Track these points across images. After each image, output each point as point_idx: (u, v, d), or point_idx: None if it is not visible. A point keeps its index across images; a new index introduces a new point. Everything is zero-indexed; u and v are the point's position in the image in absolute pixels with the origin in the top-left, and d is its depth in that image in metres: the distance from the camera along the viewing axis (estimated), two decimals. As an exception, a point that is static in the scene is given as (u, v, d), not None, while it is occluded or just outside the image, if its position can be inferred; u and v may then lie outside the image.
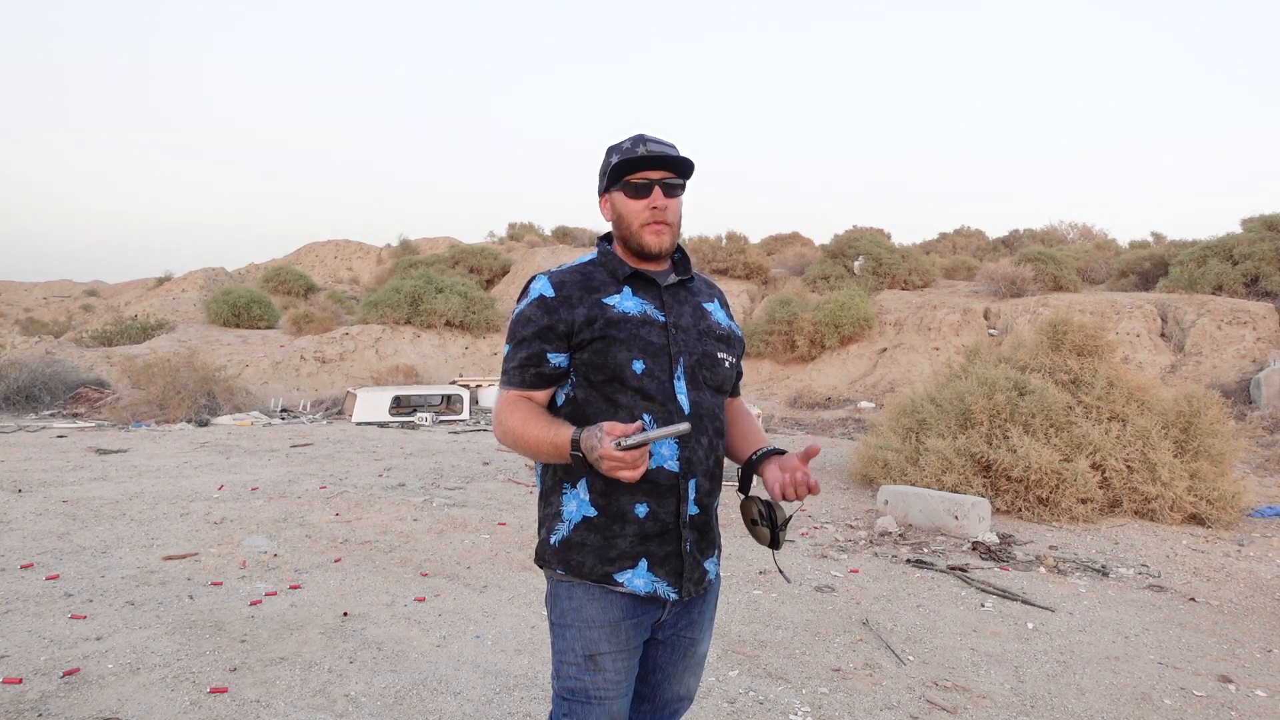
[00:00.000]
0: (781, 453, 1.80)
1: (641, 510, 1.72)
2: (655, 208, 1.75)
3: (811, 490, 1.69)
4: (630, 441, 1.52)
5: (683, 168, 1.77)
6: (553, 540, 1.77)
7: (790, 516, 1.80)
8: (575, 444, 1.59)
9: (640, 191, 1.76)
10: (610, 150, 1.80)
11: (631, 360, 1.72)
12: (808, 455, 1.71)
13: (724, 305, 1.96)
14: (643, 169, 1.75)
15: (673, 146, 1.78)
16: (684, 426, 1.54)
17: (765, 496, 1.80)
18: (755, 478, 1.84)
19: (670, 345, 1.76)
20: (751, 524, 1.81)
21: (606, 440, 1.53)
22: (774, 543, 1.79)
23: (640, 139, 1.77)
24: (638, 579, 1.72)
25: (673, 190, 1.78)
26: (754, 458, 1.82)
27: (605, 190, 1.82)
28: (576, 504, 1.75)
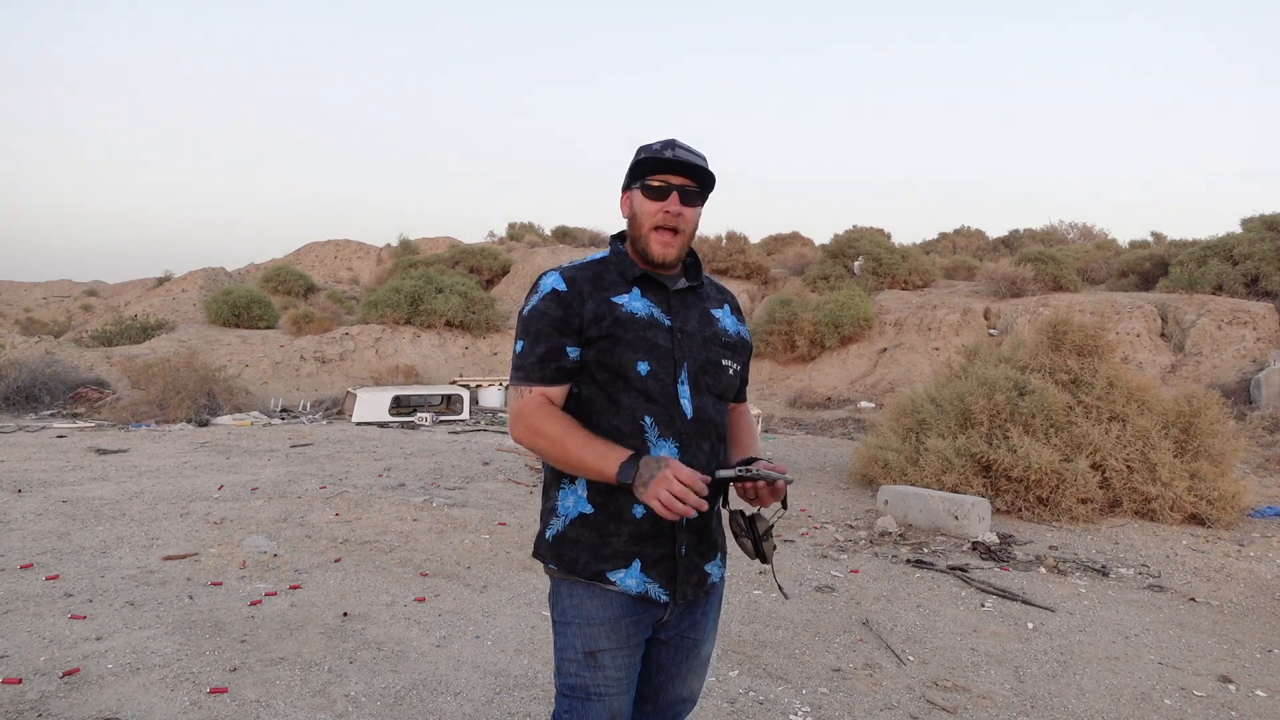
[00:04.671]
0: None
1: (639, 510, 1.73)
2: (669, 212, 1.76)
3: (776, 492, 1.72)
4: (728, 473, 1.67)
5: (705, 178, 1.78)
6: (548, 535, 1.79)
7: (771, 525, 1.79)
8: (627, 476, 1.62)
9: (658, 194, 1.77)
10: (640, 149, 1.81)
11: (636, 361, 1.73)
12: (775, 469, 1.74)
13: (735, 310, 1.96)
14: (665, 172, 1.76)
15: (702, 157, 1.80)
16: (787, 477, 1.67)
17: (749, 510, 1.80)
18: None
19: (675, 350, 1.77)
20: (736, 537, 1.81)
21: (669, 472, 1.57)
22: (758, 555, 1.77)
23: (671, 143, 1.79)
24: (630, 579, 1.73)
25: (691, 198, 1.78)
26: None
27: (627, 187, 1.83)
28: (574, 500, 1.76)
